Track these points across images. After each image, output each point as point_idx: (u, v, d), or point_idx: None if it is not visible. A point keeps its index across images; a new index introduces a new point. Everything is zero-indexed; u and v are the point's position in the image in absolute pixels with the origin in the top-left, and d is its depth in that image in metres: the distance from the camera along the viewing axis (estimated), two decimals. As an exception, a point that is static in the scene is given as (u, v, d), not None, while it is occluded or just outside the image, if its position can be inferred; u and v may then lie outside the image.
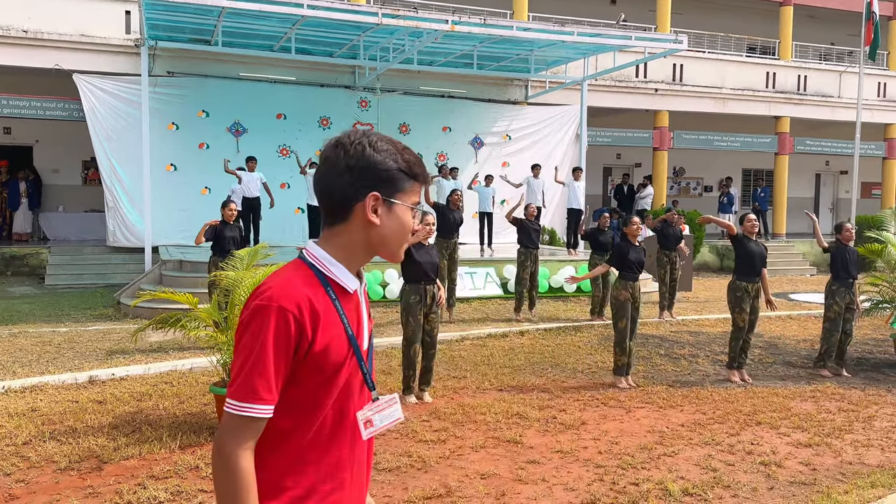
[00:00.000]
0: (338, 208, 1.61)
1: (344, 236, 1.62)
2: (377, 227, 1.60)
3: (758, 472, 5.12)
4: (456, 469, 4.99)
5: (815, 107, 21.34)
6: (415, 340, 6.63)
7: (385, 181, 1.59)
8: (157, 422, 5.81)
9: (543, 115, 17.89)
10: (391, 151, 1.61)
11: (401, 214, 1.62)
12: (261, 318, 1.51)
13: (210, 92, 15.11)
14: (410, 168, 1.64)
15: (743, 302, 7.74)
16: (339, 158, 1.60)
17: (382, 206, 1.59)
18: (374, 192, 1.58)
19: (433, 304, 6.71)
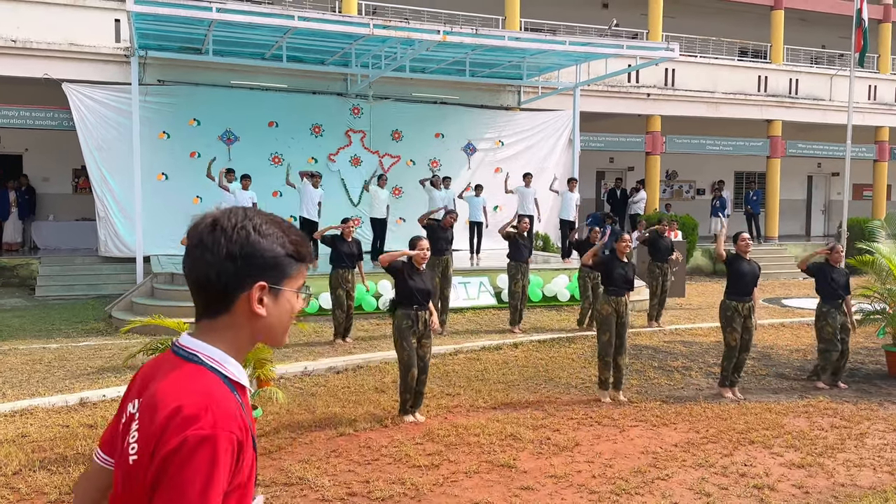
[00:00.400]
0: (219, 299, 1.46)
1: (229, 330, 1.48)
2: (263, 318, 1.47)
3: (751, 496, 5.12)
4: (449, 497, 4.97)
5: (807, 110, 21.40)
6: (412, 365, 6.58)
7: (272, 268, 1.47)
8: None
9: (536, 120, 17.89)
10: (277, 235, 1.48)
11: (288, 301, 1.51)
12: (207, 450, 1.31)
13: (201, 100, 15.04)
14: (298, 251, 1.51)
15: (734, 322, 7.70)
16: (218, 244, 1.44)
17: (269, 295, 1.47)
18: (261, 281, 1.45)
19: (426, 330, 6.68)
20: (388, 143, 16.78)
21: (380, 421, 6.60)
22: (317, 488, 5.04)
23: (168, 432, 1.32)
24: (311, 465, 5.47)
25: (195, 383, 1.40)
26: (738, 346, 7.72)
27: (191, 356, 1.46)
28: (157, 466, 1.31)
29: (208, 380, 1.42)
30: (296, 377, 8.19)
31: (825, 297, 8.30)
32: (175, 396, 1.37)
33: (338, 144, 16.37)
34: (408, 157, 16.98)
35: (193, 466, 1.30)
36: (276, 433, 6.21)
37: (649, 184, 19.97)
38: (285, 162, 15.78)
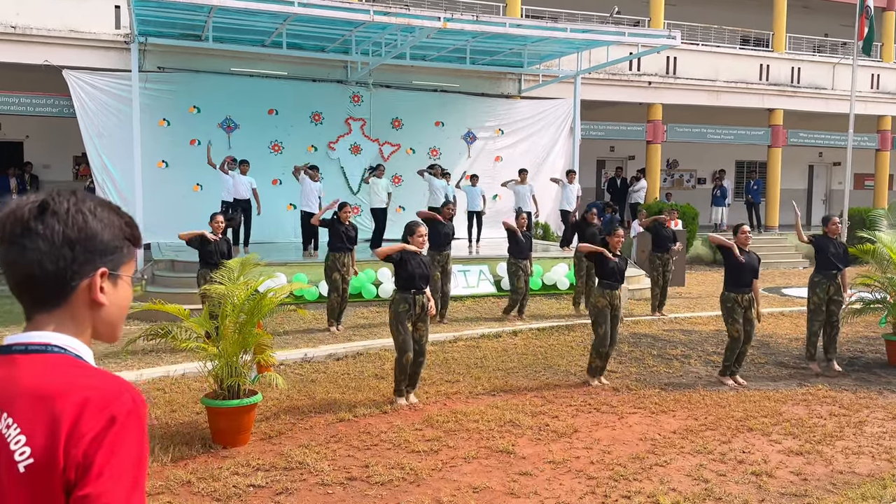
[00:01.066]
0: (55, 291, 1.34)
1: (71, 324, 1.36)
2: (104, 307, 1.37)
3: (749, 482, 5.14)
4: (448, 482, 4.99)
5: (809, 99, 21.33)
6: (406, 349, 6.65)
7: (111, 253, 1.38)
8: (148, 432, 5.78)
9: (537, 108, 17.83)
10: (113, 218, 1.39)
11: (125, 288, 1.42)
12: (136, 421, 1.27)
13: (201, 87, 15.00)
14: (133, 235, 1.43)
15: (734, 313, 7.72)
16: (52, 230, 1.32)
17: (108, 282, 1.37)
18: (102, 267, 1.36)
19: (422, 313, 6.73)
20: (388, 131, 16.74)
21: (379, 407, 6.62)
22: (316, 472, 5.06)
23: (86, 418, 1.25)
24: (310, 449, 5.49)
25: (78, 369, 1.32)
26: (741, 337, 7.73)
27: (46, 348, 1.34)
28: (83, 454, 1.23)
29: (87, 365, 1.34)
30: (296, 364, 8.21)
31: (820, 267, 8.40)
32: (72, 384, 1.28)
33: (338, 132, 16.33)
34: (408, 146, 16.94)
35: (128, 440, 1.25)
36: (275, 418, 6.24)
37: (650, 173, 19.93)
38: (285, 150, 15.74)
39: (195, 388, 7.06)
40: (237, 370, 5.62)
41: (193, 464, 5.20)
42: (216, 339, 5.69)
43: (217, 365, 5.62)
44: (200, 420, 6.07)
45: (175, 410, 6.41)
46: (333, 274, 9.88)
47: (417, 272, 6.65)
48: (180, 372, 7.64)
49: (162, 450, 5.39)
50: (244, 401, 5.57)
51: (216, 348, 5.58)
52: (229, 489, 4.75)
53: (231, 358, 5.59)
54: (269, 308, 5.83)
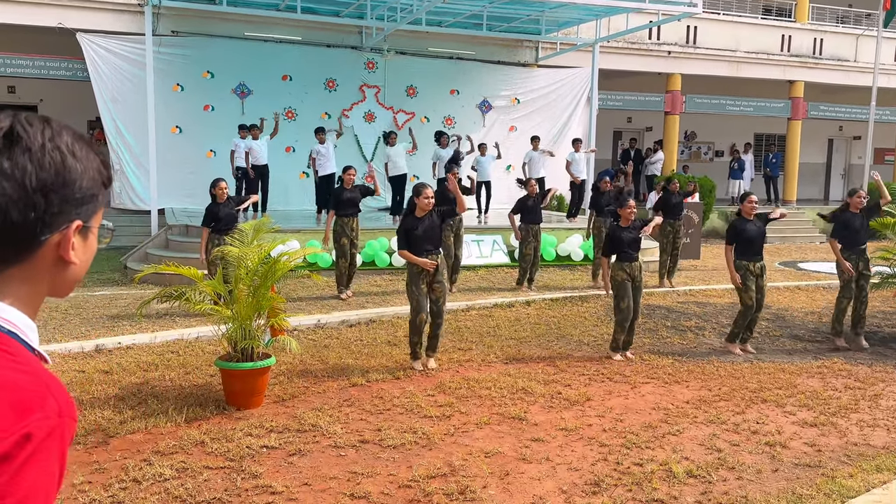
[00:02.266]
0: (18, 245, 1.08)
1: (25, 284, 1.10)
2: (74, 265, 1.12)
3: (762, 452, 5.11)
4: (460, 447, 5.00)
5: (831, 71, 20.93)
6: (420, 310, 6.71)
7: (88, 202, 1.13)
8: (162, 394, 5.83)
9: (554, 77, 17.60)
10: (91, 158, 1.14)
11: (93, 242, 1.19)
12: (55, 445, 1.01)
13: (215, 52, 14.89)
14: (109, 178, 1.19)
15: (747, 280, 7.68)
16: (22, 170, 1.05)
17: (78, 236, 1.13)
18: (78, 219, 1.11)
19: (437, 274, 6.77)
20: (402, 98, 16.59)
21: (392, 373, 6.63)
22: (329, 435, 5.08)
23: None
24: (323, 413, 5.50)
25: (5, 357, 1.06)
26: (754, 305, 7.69)
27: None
28: None
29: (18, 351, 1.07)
30: (309, 329, 8.23)
31: (847, 245, 8.18)
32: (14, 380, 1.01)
33: (352, 100, 16.20)
34: (422, 114, 16.79)
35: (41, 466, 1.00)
36: (289, 382, 6.26)
37: (667, 144, 19.69)
38: (299, 117, 15.65)
39: (209, 351, 7.10)
40: (251, 333, 5.63)
41: (207, 425, 5.23)
42: (230, 302, 5.69)
43: (231, 328, 5.63)
44: (214, 382, 6.10)
45: (189, 373, 6.44)
46: (342, 239, 9.83)
47: (428, 233, 6.72)
48: (194, 335, 7.67)
49: (176, 410, 5.42)
50: (258, 363, 5.58)
51: (230, 311, 5.58)
52: (242, 450, 4.77)
53: (245, 321, 5.59)
54: (282, 272, 5.82)
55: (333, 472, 4.51)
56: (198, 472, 4.43)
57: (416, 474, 4.50)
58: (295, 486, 4.29)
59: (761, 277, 7.75)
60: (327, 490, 4.27)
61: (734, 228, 7.78)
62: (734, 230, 7.76)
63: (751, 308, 7.71)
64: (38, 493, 0.99)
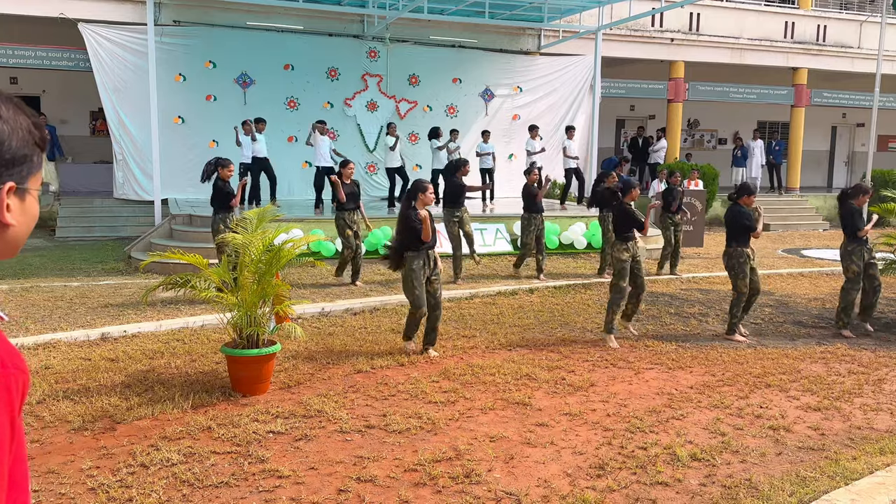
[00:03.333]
0: None
1: None
2: (12, 227, 1.15)
3: (766, 436, 5.13)
4: (465, 431, 5.02)
5: (834, 58, 20.85)
6: (421, 305, 6.73)
7: (20, 163, 1.14)
8: (169, 381, 5.87)
9: (556, 65, 17.56)
10: (21, 119, 1.15)
11: (33, 204, 1.19)
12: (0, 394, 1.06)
13: (217, 42, 14.87)
14: (42, 138, 1.19)
15: (746, 266, 7.78)
16: None
17: (15, 197, 1.14)
18: (10, 181, 1.13)
19: (435, 268, 6.82)
20: (404, 87, 16.57)
21: (396, 359, 6.66)
22: (335, 420, 5.11)
23: None
24: (329, 399, 5.53)
25: None
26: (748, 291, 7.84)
27: None
28: None
29: None
30: (313, 317, 8.25)
31: (851, 237, 8.20)
32: None
33: (354, 89, 16.19)
34: (425, 103, 16.77)
35: None
36: (294, 369, 6.29)
37: (670, 132, 19.65)
38: (301, 107, 15.63)
39: (214, 339, 7.13)
40: (256, 320, 5.65)
41: (213, 411, 5.26)
42: (235, 290, 5.71)
43: (236, 315, 5.65)
44: (220, 369, 6.13)
45: (195, 360, 6.48)
46: (346, 231, 9.86)
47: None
48: (199, 323, 7.70)
49: (182, 397, 5.46)
50: (263, 350, 5.60)
51: (235, 298, 5.60)
52: (249, 435, 4.80)
53: (250, 308, 5.61)
54: (287, 258, 5.83)
55: (339, 456, 4.54)
56: (205, 457, 4.46)
57: (422, 458, 4.52)
58: (301, 470, 4.32)
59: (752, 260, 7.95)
60: (334, 474, 4.30)
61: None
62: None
63: (744, 295, 7.83)
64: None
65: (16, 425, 1.09)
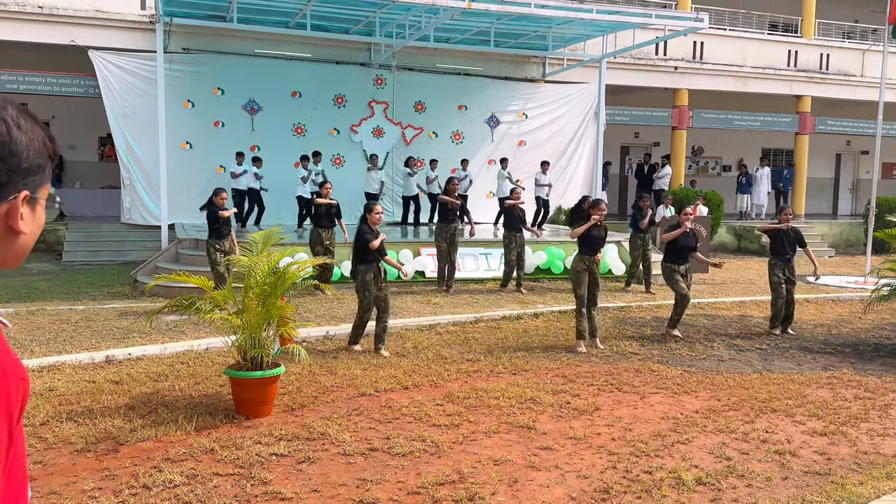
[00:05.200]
0: None
1: None
2: (21, 236, 1.18)
3: (772, 460, 5.09)
4: (469, 454, 5.00)
5: (838, 86, 20.97)
6: (368, 308, 7.79)
7: (34, 173, 1.18)
8: (172, 403, 5.86)
9: (561, 93, 17.71)
10: (37, 132, 1.20)
11: (41, 214, 1.23)
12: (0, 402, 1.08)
13: (225, 69, 15.06)
14: (54, 151, 1.24)
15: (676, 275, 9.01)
16: None
17: (26, 206, 1.18)
18: (26, 190, 1.16)
19: (384, 278, 7.86)
20: (410, 114, 16.72)
21: (400, 383, 6.64)
22: (338, 443, 5.09)
23: None
24: (332, 421, 5.52)
25: None
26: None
27: None
28: None
29: None
30: (318, 340, 8.26)
31: (775, 254, 9.56)
32: None
33: (360, 115, 16.34)
34: (430, 129, 16.91)
35: None
36: (298, 392, 6.28)
37: (675, 159, 19.73)
38: (308, 133, 15.78)
39: (218, 362, 7.13)
40: (260, 342, 5.66)
41: (217, 433, 5.25)
42: (240, 312, 5.73)
43: (241, 337, 5.66)
44: (224, 392, 6.13)
45: (199, 382, 6.47)
46: (317, 247, 10.79)
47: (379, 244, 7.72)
48: (204, 346, 7.71)
49: (186, 419, 5.45)
50: (267, 372, 5.61)
51: (240, 320, 5.62)
52: (252, 457, 4.79)
53: (254, 330, 5.62)
54: (291, 281, 5.86)
55: (342, 478, 4.52)
56: (208, 479, 4.45)
57: (425, 481, 4.50)
58: (304, 493, 4.30)
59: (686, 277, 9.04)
60: (336, 496, 4.28)
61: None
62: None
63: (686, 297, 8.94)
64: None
65: (14, 433, 1.11)
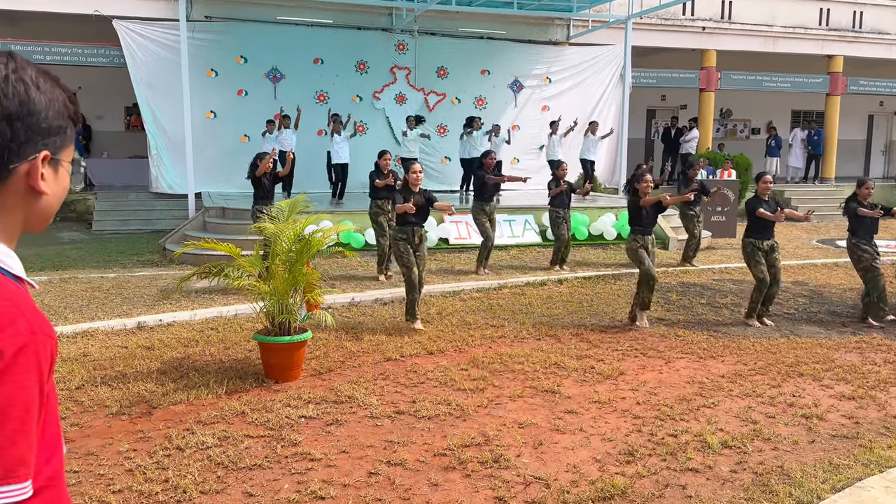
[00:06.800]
0: None
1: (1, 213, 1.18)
2: (44, 197, 1.19)
3: (799, 424, 5.08)
4: (494, 418, 5.05)
5: (871, 44, 20.40)
6: (411, 265, 7.38)
7: (55, 134, 1.19)
8: (203, 367, 5.98)
9: (585, 55, 17.45)
10: (57, 93, 1.20)
11: (66, 175, 1.24)
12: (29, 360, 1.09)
13: (247, 37, 15.03)
14: (75, 112, 1.24)
15: (756, 255, 7.91)
16: None
17: (48, 168, 1.19)
18: (46, 150, 1.17)
19: (420, 244, 7.52)
20: (433, 80, 16.59)
21: (425, 348, 6.71)
22: (365, 406, 5.18)
23: None
24: (359, 385, 5.60)
25: None
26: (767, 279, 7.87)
27: None
28: None
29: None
30: (343, 307, 8.34)
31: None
32: None
33: (383, 82, 16.25)
34: (453, 95, 16.78)
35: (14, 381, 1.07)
36: (325, 357, 6.37)
37: (702, 122, 19.41)
38: (330, 100, 15.74)
39: (247, 327, 7.24)
40: (288, 308, 5.73)
41: (247, 396, 5.35)
42: (267, 278, 5.80)
43: (268, 303, 5.74)
44: (253, 357, 6.24)
45: (228, 348, 6.59)
46: (379, 218, 9.88)
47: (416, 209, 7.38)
48: (232, 313, 7.82)
49: (216, 383, 5.56)
50: (295, 337, 5.69)
51: (267, 286, 5.69)
52: (282, 419, 4.89)
53: (282, 296, 5.69)
54: (317, 247, 5.91)
55: (370, 440, 4.60)
56: (239, 441, 4.55)
57: (451, 443, 4.56)
58: (333, 454, 4.39)
59: (771, 254, 7.93)
60: (364, 457, 4.36)
61: (749, 205, 8.03)
62: (749, 206, 8.01)
63: (764, 282, 7.86)
64: (15, 403, 1.07)
65: (44, 390, 1.13)
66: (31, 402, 1.09)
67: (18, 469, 1.07)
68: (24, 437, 1.08)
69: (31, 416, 1.09)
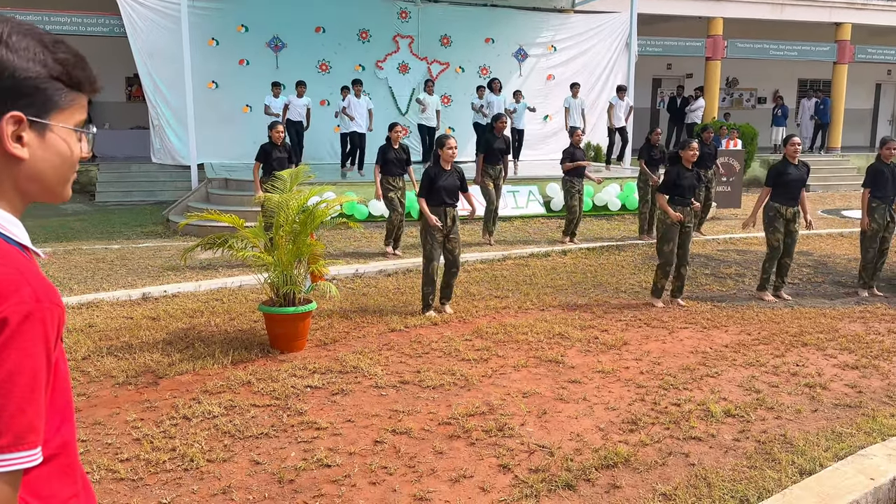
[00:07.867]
0: None
1: None
2: (25, 162, 1.14)
3: (802, 393, 5.10)
4: (498, 387, 5.08)
5: (880, 12, 20.11)
6: (433, 259, 6.88)
7: (29, 95, 1.12)
8: (209, 338, 6.01)
9: (591, 23, 17.23)
10: (34, 49, 1.12)
11: (62, 141, 1.17)
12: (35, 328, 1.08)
13: (248, 5, 14.86)
14: (68, 73, 1.16)
15: (776, 222, 7.62)
16: None
17: (30, 131, 1.13)
18: (14, 111, 1.11)
19: (453, 226, 6.93)
20: (436, 49, 16.42)
21: (429, 319, 6.72)
22: (370, 376, 5.20)
23: None
24: (364, 355, 5.63)
25: None
26: (780, 248, 7.64)
27: None
28: None
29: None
30: (347, 279, 8.35)
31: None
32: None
33: (385, 51, 16.08)
34: (457, 64, 16.61)
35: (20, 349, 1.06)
36: (330, 327, 6.39)
37: (709, 91, 19.23)
38: (333, 70, 15.60)
39: (252, 298, 7.26)
40: (292, 279, 5.74)
41: (253, 366, 5.39)
42: (271, 249, 5.80)
43: (273, 274, 5.75)
44: (258, 327, 6.26)
45: (233, 318, 6.61)
46: (389, 194, 9.68)
47: (446, 186, 6.83)
48: (237, 284, 7.84)
49: (222, 353, 5.59)
50: (300, 308, 5.70)
51: (272, 257, 5.69)
52: (287, 389, 4.92)
53: (286, 267, 5.70)
54: (321, 218, 5.90)
55: (375, 409, 4.64)
56: (245, 410, 4.59)
57: (456, 412, 4.59)
58: (339, 423, 4.42)
59: (792, 222, 7.66)
60: (370, 426, 4.39)
61: (775, 170, 7.66)
62: (775, 171, 7.64)
63: (777, 250, 7.64)
64: (22, 371, 1.06)
65: (52, 359, 1.13)
66: (38, 370, 1.08)
67: (28, 436, 1.07)
68: (32, 406, 1.07)
69: (38, 385, 1.09)
